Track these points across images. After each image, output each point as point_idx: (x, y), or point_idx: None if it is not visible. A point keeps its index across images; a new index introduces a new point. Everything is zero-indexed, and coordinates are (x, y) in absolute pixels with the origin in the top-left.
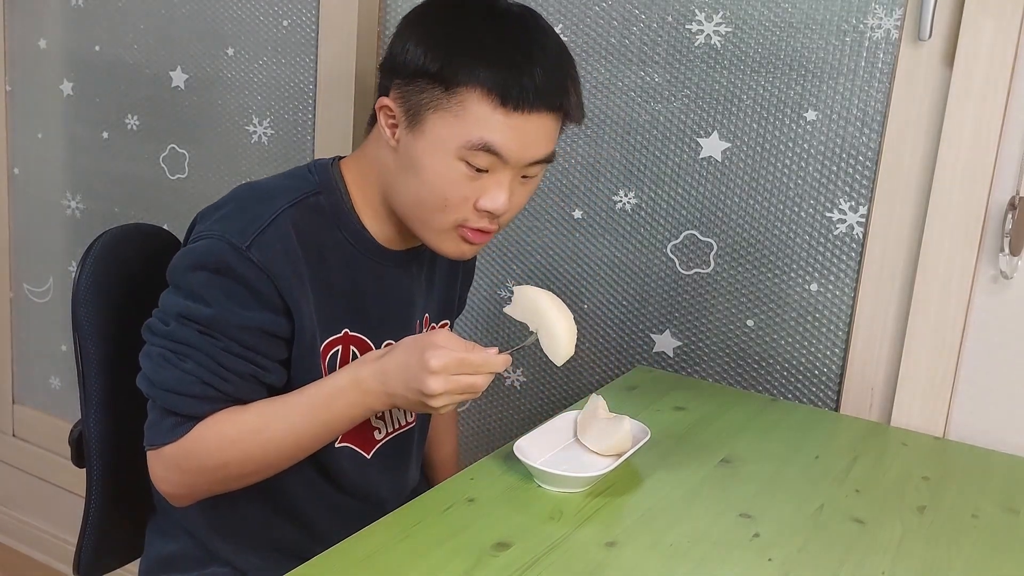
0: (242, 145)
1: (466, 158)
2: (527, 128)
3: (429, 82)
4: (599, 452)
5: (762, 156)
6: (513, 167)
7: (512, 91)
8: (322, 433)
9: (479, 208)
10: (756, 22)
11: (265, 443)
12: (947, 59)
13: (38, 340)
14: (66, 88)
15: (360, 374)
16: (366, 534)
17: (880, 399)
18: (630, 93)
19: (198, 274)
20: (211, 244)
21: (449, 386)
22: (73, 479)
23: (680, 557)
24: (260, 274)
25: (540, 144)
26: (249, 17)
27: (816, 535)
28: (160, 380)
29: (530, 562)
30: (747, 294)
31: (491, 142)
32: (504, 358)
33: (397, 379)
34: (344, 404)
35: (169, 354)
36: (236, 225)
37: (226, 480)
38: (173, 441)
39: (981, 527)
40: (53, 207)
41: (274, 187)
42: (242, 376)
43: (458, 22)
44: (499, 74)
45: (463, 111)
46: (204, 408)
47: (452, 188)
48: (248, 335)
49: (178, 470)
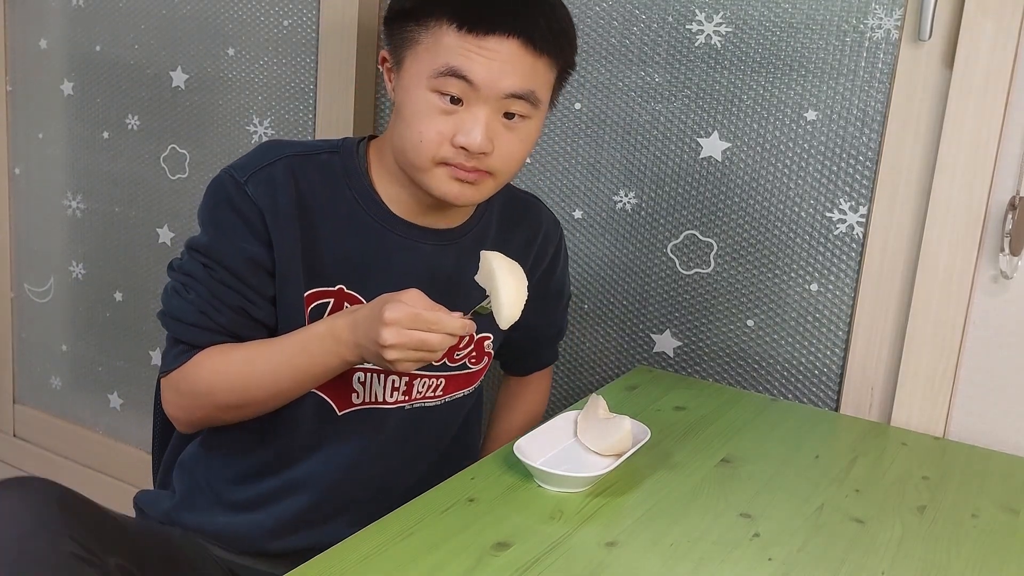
0: (243, 145)
1: (438, 88)
2: (492, 53)
3: (406, 21)
4: (599, 452)
5: (762, 156)
6: (486, 98)
7: (471, 13)
8: (300, 377)
9: (455, 144)
10: (756, 22)
11: (247, 378)
12: (947, 59)
13: (39, 340)
14: (67, 88)
15: (336, 323)
16: (366, 534)
17: (880, 399)
18: (630, 93)
19: (206, 205)
20: (219, 177)
21: (401, 339)
22: (73, 479)
23: (680, 557)
24: (252, 206)
25: (510, 73)
26: (250, 17)
27: (816, 535)
28: (169, 309)
29: (530, 562)
30: (747, 294)
31: (455, 66)
32: (462, 322)
33: (362, 330)
34: (320, 350)
35: (179, 285)
36: (243, 163)
37: (216, 410)
38: (176, 368)
39: (981, 527)
40: (54, 207)
41: (292, 143)
42: (233, 309)
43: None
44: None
45: (432, 42)
46: (202, 337)
47: (427, 123)
48: (239, 265)
49: (177, 393)
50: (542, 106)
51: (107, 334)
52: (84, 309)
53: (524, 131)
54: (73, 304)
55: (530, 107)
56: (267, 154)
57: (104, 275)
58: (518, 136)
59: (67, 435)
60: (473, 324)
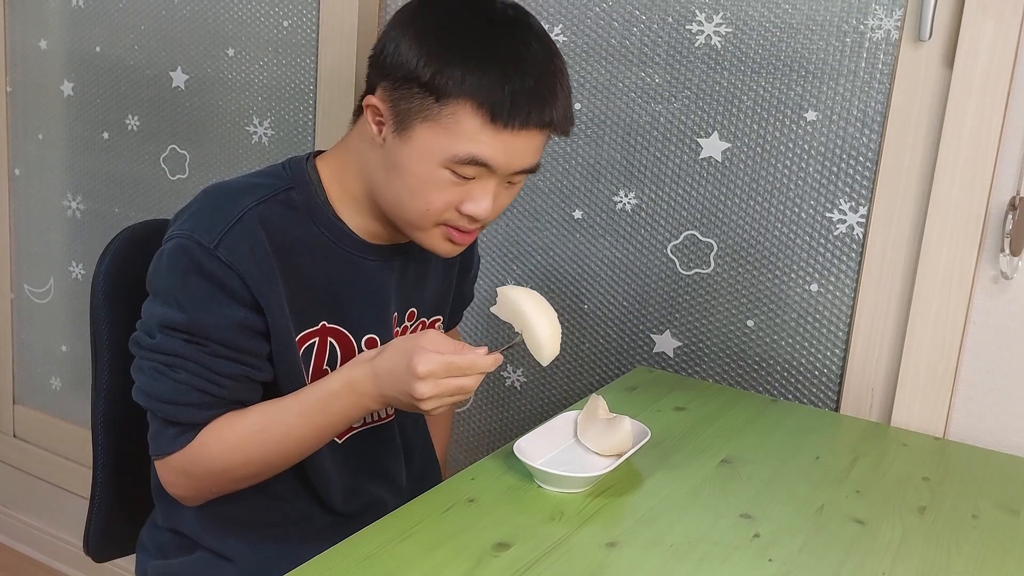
0: (242, 146)
1: (453, 168)
2: (516, 143)
3: (420, 90)
4: (599, 452)
5: (762, 156)
6: (499, 176)
7: (503, 108)
8: (321, 435)
9: (463, 212)
10: (756, 23)
11: (264, 447)
12: (947, 59)
13: (39, 340)
14: (67, 89)
15: (353, 376)
16: (366, 534)
17: (880, 399)
18: (630, 94)
19: (171, 277)
20: (180, 243)
21: (438, 390)
22: (73, 479)
23: (680, 557)
24: (229, 272)
25: (528, 156)
26: (249, 18)
27: (816, 535)
28: (156, 393)
29: (530, 562)
30: (747, 294)
31: (479, 156)
32: (493, 358)
33: (388, 382)
34: (340, 406)
35: (161, 367)
36: (204, 224)
37: (233, 482)
38: (178, 450)
39: (981, 527)
40: (53, 208)
41: (243, 185)
42: (234, 378)
43: (451, 27)
44: (490, 89)
45: (453, 124)
46: (203, 415)
47: (436, 195)
48: (229, 334)
49: (186, 475)
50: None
51: None
52: (84, 310)
53: (518, 185)
54: (73, 304)
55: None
56: (225, 209)
57: None
58: (512, 192)
59: (67, 435)
60: (501, 358)
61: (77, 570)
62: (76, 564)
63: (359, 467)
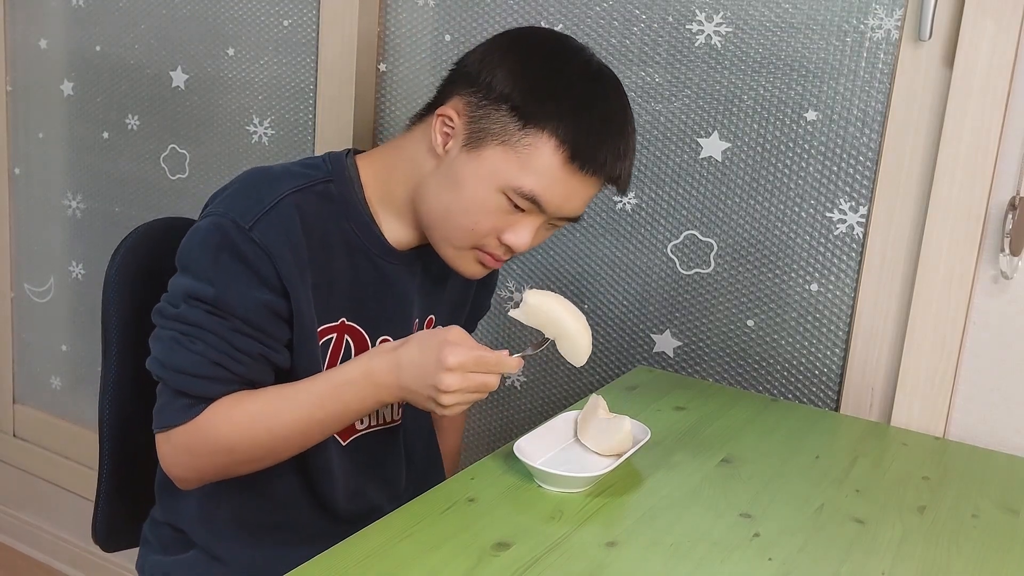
0: (242, 145)
1: (510, 196)
2: (578, 189)
3: (507, 112)
4: (599, 452)
5: (762, 156)
6: (548, 216)
7: (583, 152)
8: (330, 423)
9: (502, 240)
10: (756, 22)
11: (273, 430)
12: (947, 59)
13: (39, 340)
14: (66, 88)
15: (373, 366)
16: (366, 534)
17: (880, 399)
18: (630, 93)
19: (203, 253)
20: (215, 222)
21: (464, 383)
22: (73, 478)
23: (680, 557)
24: (261, 254)
25: (580, 204)
26: (250, 17)
27: (816, 535)
28: (172, 362)
29: (530, 562)
30: (747, 294)
31: (540, 196)
32: (517, 360)
33: (411, 374)
34: (355, 395)
35: (180, 336)
36: (241, 205)
37: (234, 464)
38: (184, 423)
39: (981, 527)
40: (53, 207)
41: (282, 172)
42: (252, 356)
43: (557, 66)
44: (578, 132)
45: (528, 154)
46: (216, 389)
47: (485, 218)
48: (254, 314)
49: (188, 453)
50: None
51: None
52: (84, 309)
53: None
54: (73, 304)
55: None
56: (263, 193)
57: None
58: (549, 233)
59: (67, 435)
60: (522, 361)
61: (77, 570)
62: (76, 563)
63: (361, 470)
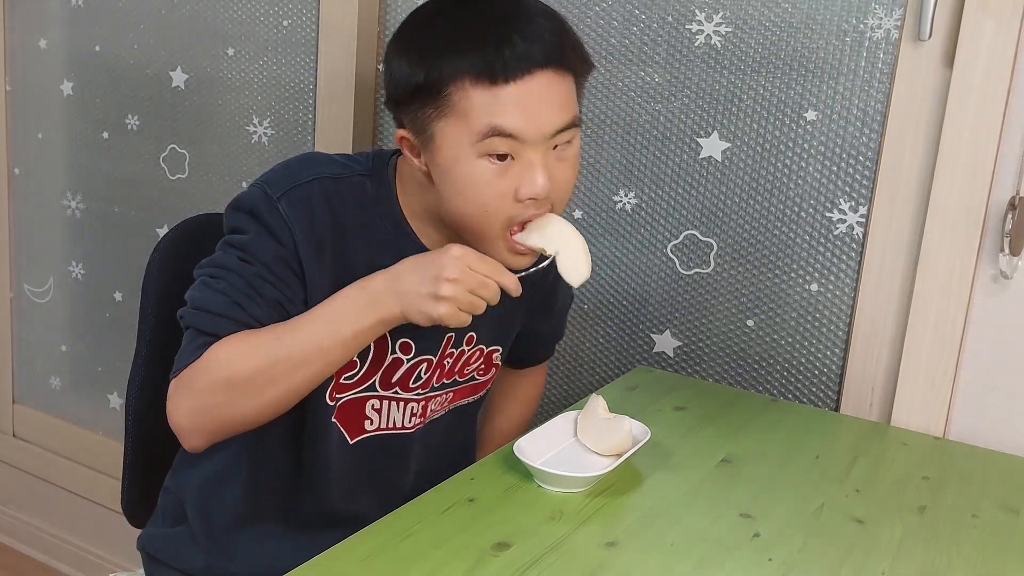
0: (242, 145)
1: (485, 151)
2: (527, 96)
3: (422, 95)
4: (599, 452)
5: (762, 156)
6: (535, 144)
7: (495, 65)
8: (329, 346)
9: (521, 199)
10: (756, 22)
11: (273, 353)
12: (947, 59)
13: (38, 340)
14: (66, 88)
15: (369, 280)
16: (366, 534)
17: (880, 399)
18: (630, 93)
19: (239, 211)
20: (251, 190)
21: (464, 275)
22: (73, 478)
23: (680, 557)
24: (283, 225)
25: (551, 109)
26: (249, 17)
27: (816, 535)
28: (195, 300)
29: (530, 562)
30: (747, 294)
31: (498, 124)
32: (515, 279)
33: (409, 278)
34: (351, 308)
35: (208, 279)
36: (277, 178)
37: (233, 401)
38: (193, 361)
39: (981, 527)
40: (53, 207)
41: (328, 160)
42: (269, 302)
43: (429, 24)
44: (477, 56)
45: (462, 107)
46: (228, 327)
47: (486, 189)
48: (275, 264)
49: (189, 392)
50: (579, 122)
51: (107, 334)
52: (84, 309)
53: (572, 154)
54: (73, 304)
55: (573, 131)
56: (302, 171)
57: (104, 275)
58: (569, 163)
59: (67, 435)
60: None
61: (77, 570)
62: (76, 564)
63: (362, 473)
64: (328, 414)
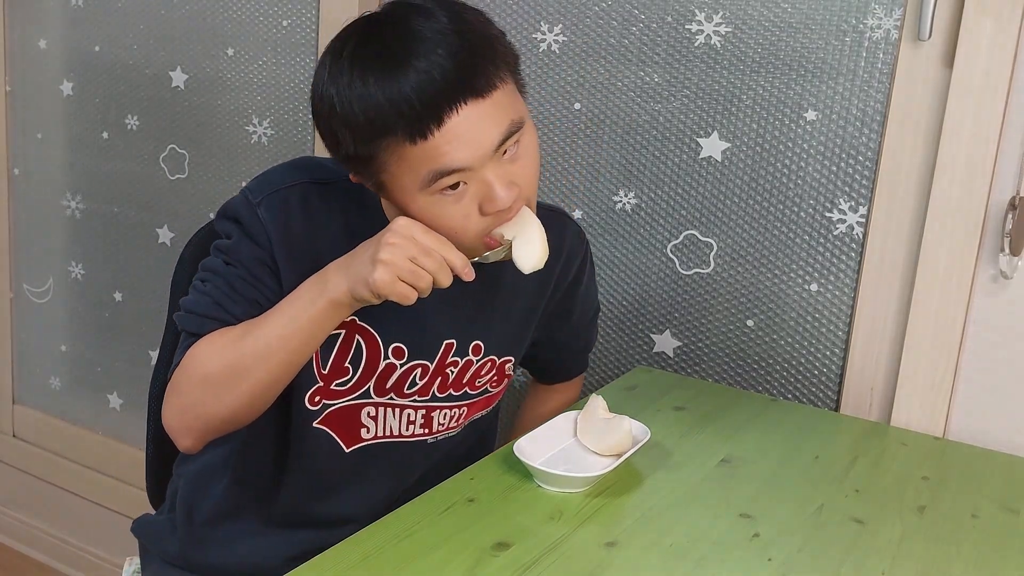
0: (242, 145)
1: (437, 190)
2: (456, 132)
3: (362, 161)
4: (599, 452)
5: (762, 156)
6: (482, 164)
7: (413, 126)
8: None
9: (487, 213)
10: (756, 22)
11: (241, 349)
12: (947, 59)
13: (38, 340)
14: (66, 88)
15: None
16: (366, 534)
17: (880, 399)
18: (630, 93)
19: (224, 221)
20: (236, 196)
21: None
22: (73, 479)
23: (680, 557)
24: (260, 228)
25: (484, 131)
26: (249, 17)
27: (816, 535)
28: (184, 303)
29: (530, 562)
30: (747, 294)
31: (438, 168)
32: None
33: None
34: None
35: (198, 282)
36: (259, 184)
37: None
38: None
39: (981, 527)
40: (53, 207)
41: (317, 164)
42: (249, 301)
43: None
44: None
45: (402, 166)
46: (212, 327)
47: (450, 217)
48: (255, 267)
49: (176, 392)
50: (527, 116)
51: (107, 334)
52: (83, 309)
53: (525, 149)
54: (72, 304)
55: (519, 130)
56: (287, 176)
57: (103, 275)
58: (525, 158)
59: (67, 435)
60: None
61: (77, 570)
62: (76, 564)
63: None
64: (310, 418)
